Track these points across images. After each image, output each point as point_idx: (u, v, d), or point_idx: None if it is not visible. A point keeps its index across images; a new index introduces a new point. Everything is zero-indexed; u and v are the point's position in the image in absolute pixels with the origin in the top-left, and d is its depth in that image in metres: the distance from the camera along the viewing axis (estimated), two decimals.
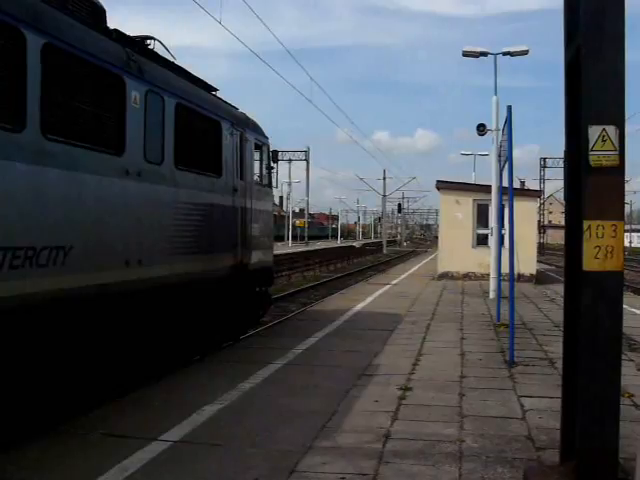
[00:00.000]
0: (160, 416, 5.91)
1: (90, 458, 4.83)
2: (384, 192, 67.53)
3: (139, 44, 7.98)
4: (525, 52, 18.65)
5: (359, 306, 14.95)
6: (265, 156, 11.86)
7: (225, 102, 10.43)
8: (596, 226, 4.00)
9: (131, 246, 7.11)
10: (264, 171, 11.85)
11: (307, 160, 66.82)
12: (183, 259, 8.34)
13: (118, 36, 7.36)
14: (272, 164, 12.24)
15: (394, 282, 22.57)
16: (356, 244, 67.76)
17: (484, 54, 18.78)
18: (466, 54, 18.95)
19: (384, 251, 62.06)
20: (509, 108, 9.22)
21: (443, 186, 24.03)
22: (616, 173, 4.03)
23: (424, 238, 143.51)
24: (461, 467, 4.69)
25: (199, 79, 9.66)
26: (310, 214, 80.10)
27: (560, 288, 10.57)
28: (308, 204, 72.67)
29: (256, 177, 11.39)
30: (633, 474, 3.92)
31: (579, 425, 4.08)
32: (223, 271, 9.82)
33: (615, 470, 4.04)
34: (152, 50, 8.34)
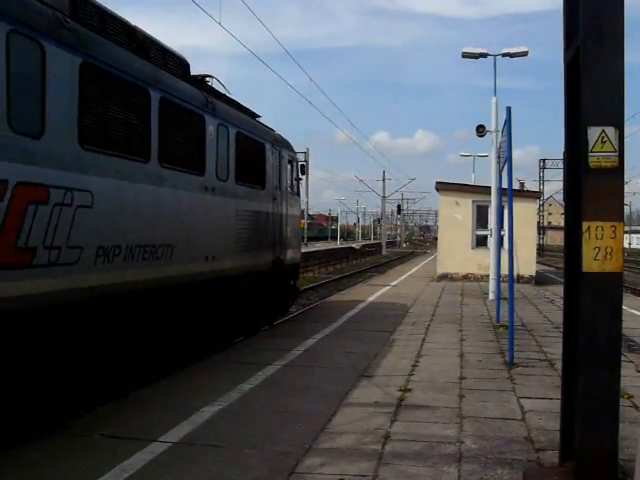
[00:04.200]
0: (160, 417, 5.91)
1: (90, 459, 4.82)
2: (383, 193, 67.57)
3: (214, 90, 10.32)
4: (525, 53, 18.67)
5: (359, 307, 14.95)
6: (295, 169, 14.16)
7: (266, 126, 12.65)
8: (595, 227, 4.00)
9: (208, 245, 9.21)
10: (294, 182, 14.10)
11: (307, 161, 66.79)
12: (240, 255, 10.52)
13: (196, 82, 9.58)
14: (300, 176, 14.68)
15: (393, 283, 22.56)
16: (355, 245, 67.68)
17: (483, 55, 18.77)
18: (465, 55, 18.92)
19: (383, 252, 62.05)
20: (508, 109, 9.23)
21: (442, 187, 24.04)
22: (615, 174, 4.04)
23: (423, 239, 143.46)
24: (460, 468, 4.69)
25: (247, 108, 11.93)
26: (310, 215, 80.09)
27: (560, 289, 10.57)
28: (308, 205, 72.73)
29: (288, 187, 13.53)
30: (632, 475, 3.92)
31: (578, 426, 4.09)
32: (266, 265, 12.02)
33: (615, 471, 4.04)
34: (216, 90, 10.53)
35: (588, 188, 4.03)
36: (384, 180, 66.72)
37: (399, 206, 79.90)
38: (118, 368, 7.03)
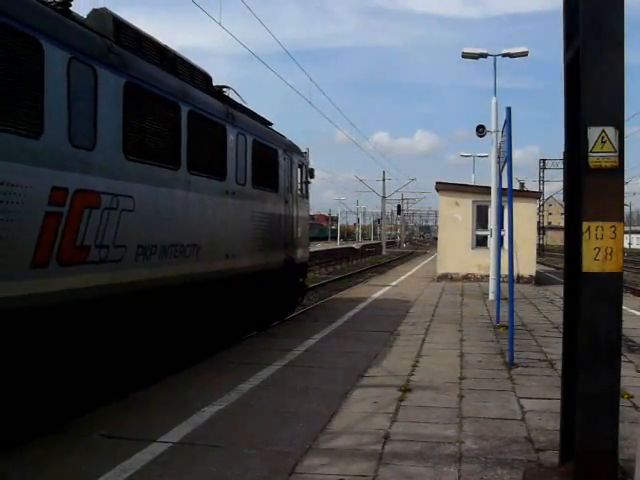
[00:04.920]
0: (160, 417, 5.91)
1: (90, 459, 4.82)
2: (383, 193, 67.57)
3: (232, 101, 11.10)
4: (525, 53, 18.66)
5: (359, 307, 14.95)
6: (304, 173, 14.94)
7: (278, 133, 13.45)
8: (595, 227, 4.00)
9: (228, 244, 10.01)
10: (303, 185, 14.90)
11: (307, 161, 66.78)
12: (256, 254, 11.36)
13: (217, 94, 10.42)
14: (309, 179, 15.43)
15: (393, 283, 22.56)
16: (356, 245, 67.69)
17: (483, 55, 18.74)
18: (465, 55, 18.88)
19: (383, 252, 62.05)
20: (508, 109, 9.23)
21: (442, 187, 24.03)
22: (615, 174, 4.04)
23: (423, 239, 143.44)
24: (460, 468, 4.69)
25: (261, 117, 12.65)
26: (310, 215, 79.98)
27: (560, 289, 10.57)
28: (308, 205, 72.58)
29: (298, 190, 14.34)
30: (632, 475, 3.92)
31: (578, 426, 4.09)
32: (279, 264, 12.86)
33: (614, 471, 4.04)
34: (234, 101, 11.32)
35: (588, 188, 4.03)
36: (384, 180, 66.76)
37: (399, 206, 79.93)
38: (144, 360, 7.65)
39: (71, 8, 6.66)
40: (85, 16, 7.27)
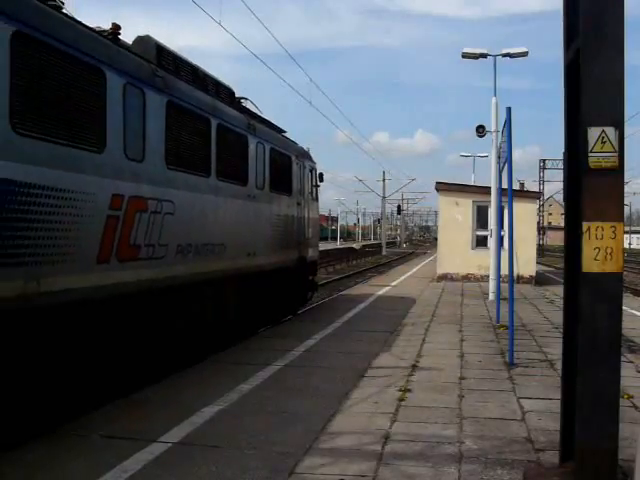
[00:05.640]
0: (160, 417, 5.91)
1: (90, 459, 4.82)
2: (383, 193, 67.54)
3: (251, 112, 12.05)
4: (525, 54, 18.65)
5: (359, 307, 14.96)
6: (314, 177, 15.99)
7: (291, 140, 14.50)
8: (595, 227, 4.00)
9: (250, 244, 11.00)
10: (313, 188, 15.90)
11: None
12: (273, 253, 12.34)
13: (239, 106, 11.54)
14: (318, 183, 16.49)
15: (393, 284, 22.57)
16: (355, 245, 67.68)
17: (483, 55, 18.72)
18: (465, 56, 18.87)
19: (383, 252, 62.02)
20: (508, 110, 9.22)
21: (442, 188, 24.02)
22: (615, 174, 4.04)
23: (423, 239, 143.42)
24: (460, 469, 4.69)
25: (276, 126, 13.70)
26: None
27: (559, 290, 10.57)
28: None
29: (309, 193, 15.37)
30: (632, 475, 3.92)
31: (578, 426, 4.09)
32: (292, 262, 13.84)
33: (615, 471, 4.04)
34: (253, 112, 12.24)
35: (588, 188, 4.03)
36: (384, 180, 66.71)
37: (399, 206, 79.83)
38: (177, 349, 8.52)
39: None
40: (130, 42, 8.19)
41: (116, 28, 7.47)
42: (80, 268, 6.19)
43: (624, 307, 4.46)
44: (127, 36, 7.88)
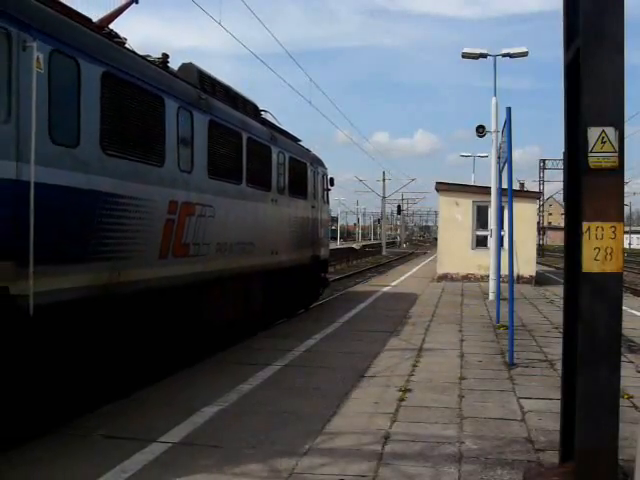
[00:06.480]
0: (160, 417, 5.91)
1: (90, 459, 4.82)
2: (383, 194, 67.52)
3: (271, 124, 13.17)
4: (525, 54, 18.64)
5: (359, 307, 14.97)
6: (325, 181, 17.21)
7: (306, 149, 15.75)
8: (595, 228, 4.00)
9: (273, 243, 12.22)
10: (324, 192, 17.13)
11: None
12: (291, 251, 13.58)
13: (262, 120, 12.61)
14: (329, 187, 17.67)
15: (394, 283, 22.57)
16: (355, 245, 67.62)
17: (483, 55, 18.72)
18: (465, 56, 18.87)
19: (383, 252, 62.01)
20: (508, 110, 9.22)
21: (442, 188, 24.02)
22: (615, 174, 4.04)
23: (423, 239, 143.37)
24: (460, 469, 4.69)
25: (293, 135, 15.00)
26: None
27: (559, 290, 10.58)
28: None
29: (321, 197, 16.60)
30: (632, 475, 3.92)
31: (578, 426, 4.09)
32: (307, 260, 15.12)
33: (615, 471, 4.04)
34: (273, 123, 13.38)
35: (588, 188, 4.03)
36: (384, 180, 66.68)
37: (399, 206, 79.78)
38: (209, 335, 9.56)
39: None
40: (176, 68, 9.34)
41: (165, 57, 8.65)
42: (147, 262, 7.41)
43: (624, 307, 4.46)
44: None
